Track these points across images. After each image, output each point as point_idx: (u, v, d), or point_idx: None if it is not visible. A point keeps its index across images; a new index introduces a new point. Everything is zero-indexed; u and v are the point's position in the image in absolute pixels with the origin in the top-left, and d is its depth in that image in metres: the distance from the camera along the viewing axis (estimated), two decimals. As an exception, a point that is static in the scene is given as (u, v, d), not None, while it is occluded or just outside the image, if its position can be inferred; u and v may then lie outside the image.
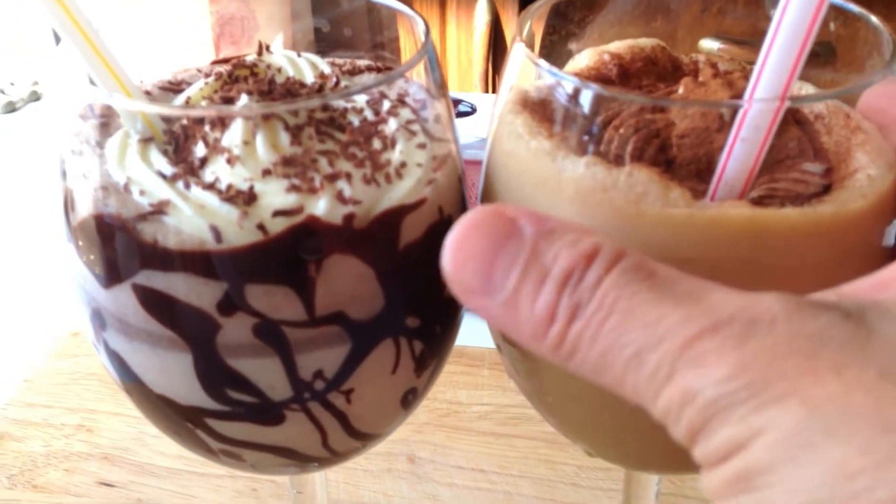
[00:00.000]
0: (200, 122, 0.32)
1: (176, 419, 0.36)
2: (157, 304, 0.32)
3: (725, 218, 0.29)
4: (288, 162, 0.32)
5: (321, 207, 0.31)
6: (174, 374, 0.34)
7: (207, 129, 0.32)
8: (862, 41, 0.35)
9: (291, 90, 0.36)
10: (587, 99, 0.32)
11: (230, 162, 0.31)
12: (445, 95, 0.38)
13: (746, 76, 0.31)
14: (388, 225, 0.32)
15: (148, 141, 0.33)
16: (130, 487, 0.64)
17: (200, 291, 0.31)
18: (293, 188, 0.31)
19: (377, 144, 0.34)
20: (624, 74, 0.38)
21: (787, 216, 0.29)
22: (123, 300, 0.32)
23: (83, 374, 0.74)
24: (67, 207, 0.33)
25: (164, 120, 0.34)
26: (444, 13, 1.45)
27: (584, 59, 0.39)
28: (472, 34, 1.45)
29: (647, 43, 0.39)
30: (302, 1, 0.50)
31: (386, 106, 0.35)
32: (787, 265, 0.30)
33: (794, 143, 0.32)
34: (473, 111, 0.86)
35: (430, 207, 0.34)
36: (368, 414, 0.37)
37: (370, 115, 0.35)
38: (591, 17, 0.41)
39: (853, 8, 0.35)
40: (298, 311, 0.31)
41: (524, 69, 0.35)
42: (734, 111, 0.29)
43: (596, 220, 0.30)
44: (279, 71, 0.39)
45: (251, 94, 0.35)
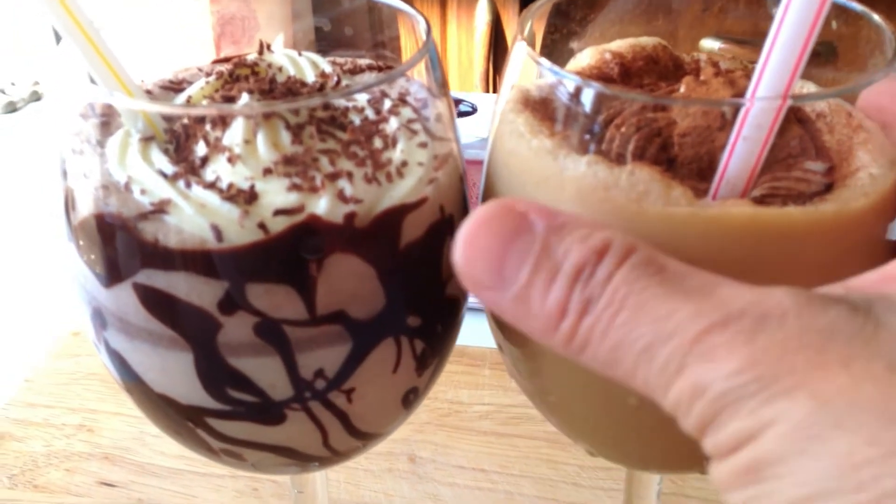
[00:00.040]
0: (201, 121, 0.32)
1: (177, 419, 0.36)
2: (157, 303, 0.32)
3: (727, 217, 0.29)
4: (289, 161, 0.32)
5: (322, 206, 0.31)
6: (175, 373, 0.34)
7: (208, 128, 0.32)
8: (864, 40, 0.35)
9: (292, 89, 0.36)
10: (589, 98, 0.32)
11: (231, 161, 0.31)
12: (446, 94, 0.38)
13: (748, 75, 0.31)
14: (389, 224, 0.32)
15: (149, 140, 0.33)
16: (131, 487, 0.63)
17: (201, 290, 0.31)
18: (294, 187, 0.31)
19: (378, 143, 0.34)
20: (625, 73, 0.38)
21: (788, 215, 0.29)
22: (124, 299, 0.32)
23: (84, 373, 0.74)
24: (68, 207, 0.33)
25: (165, 119, 0.34)
26: (444, 13, 1.45)
27: (585, 57, 0.39)
28: (472, 34, 1.45)
29: (648, 42, 0.39)
30: (303, 0, 0.50)
31: (387, 105, 0.35)
32: (788, 264, 0.29)
33: (795, 141, 0.32)
34: (474, 111, 0.86)
35: (431, 206, 0.34)
36: (369, 413, 0.37)
37: (371, 114, 0.35)
38: (592, 15, 0.41)
39: (855, 6, 0.35)
40: (299, 310, 0.31)
41: (525, 68, 0.35)
42: (736, 110, 0.29)
43: (597, 219, 0.30)
44: (280, 70, 0.39)
45: (252, 92, 0.35)
